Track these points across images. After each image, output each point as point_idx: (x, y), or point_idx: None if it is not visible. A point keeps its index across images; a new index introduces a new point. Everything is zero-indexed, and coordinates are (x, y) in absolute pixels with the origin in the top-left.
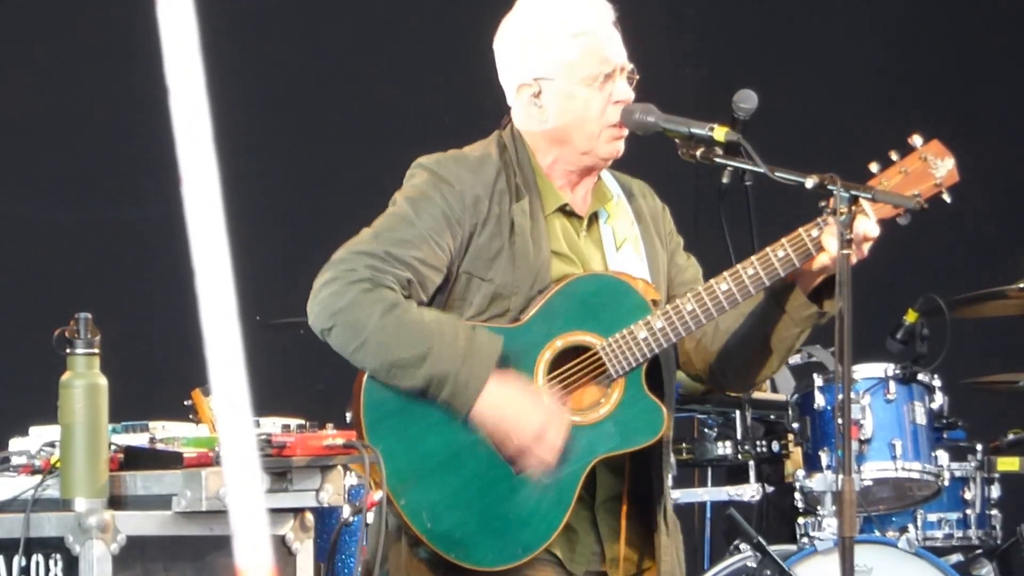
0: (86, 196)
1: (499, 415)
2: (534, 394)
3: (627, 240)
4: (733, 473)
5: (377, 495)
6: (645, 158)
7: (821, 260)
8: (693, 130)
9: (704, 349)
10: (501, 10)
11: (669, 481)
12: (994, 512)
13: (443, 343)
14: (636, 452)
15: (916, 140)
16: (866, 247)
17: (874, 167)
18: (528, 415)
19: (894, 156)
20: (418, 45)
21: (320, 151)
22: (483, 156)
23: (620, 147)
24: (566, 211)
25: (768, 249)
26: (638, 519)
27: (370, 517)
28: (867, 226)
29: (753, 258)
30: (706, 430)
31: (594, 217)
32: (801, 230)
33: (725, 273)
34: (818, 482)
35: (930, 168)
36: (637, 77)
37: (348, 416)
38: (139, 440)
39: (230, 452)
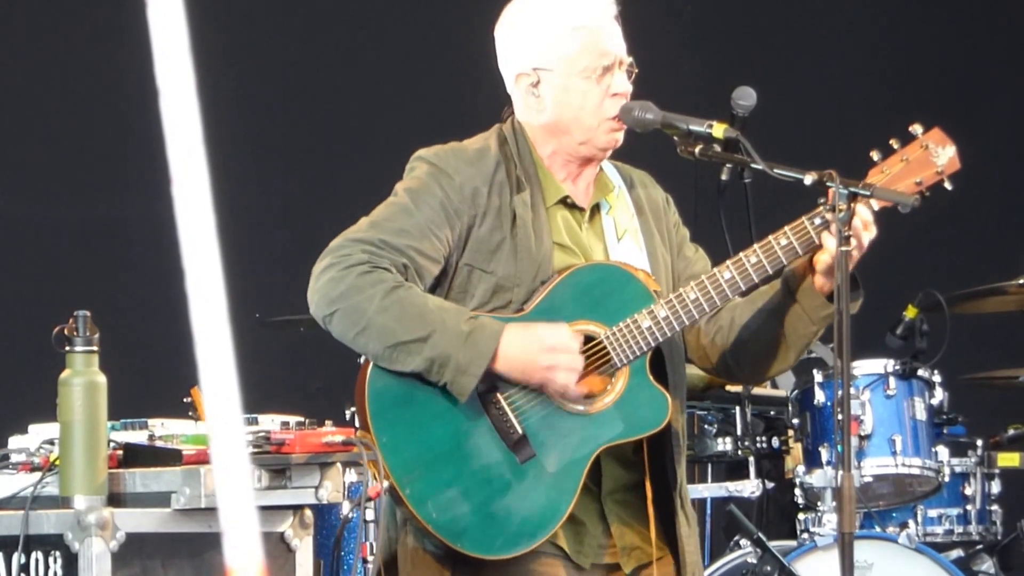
0: (86, 193)
1: (511, 365)
2: (537, 330)
3: (628, 231)
4: (733, 469)
5: (383, 484)
6: (644, 154)
7: (825, 261)
8: (692, 127)
9: (720, 344)
10: (500, 3)
11: (683, 469)
12: (994, 508)
13: (445, 326)
14: (651, 441)
15: (917, 129)
16: (866, 238)
17: (875, 155)
18: (537, 349)
19: (895, 144)
20: (415, 37)
21: (320, 147)
22: (482, 148)
23: (619, 137)
24: (567, 203)
25: (771, 237)
26: (644, 509)
27: (370, 513)
28: (862, 213)
29: (756, 246)
30: (706, 426)
31: (596, 209)
32: (804, 218)
33: (728, 261)
34: (818, 478)
35: (931, 156)
36: (636, 71)
37: (348, 413)
38: (138, 437)
39: (220, 449)
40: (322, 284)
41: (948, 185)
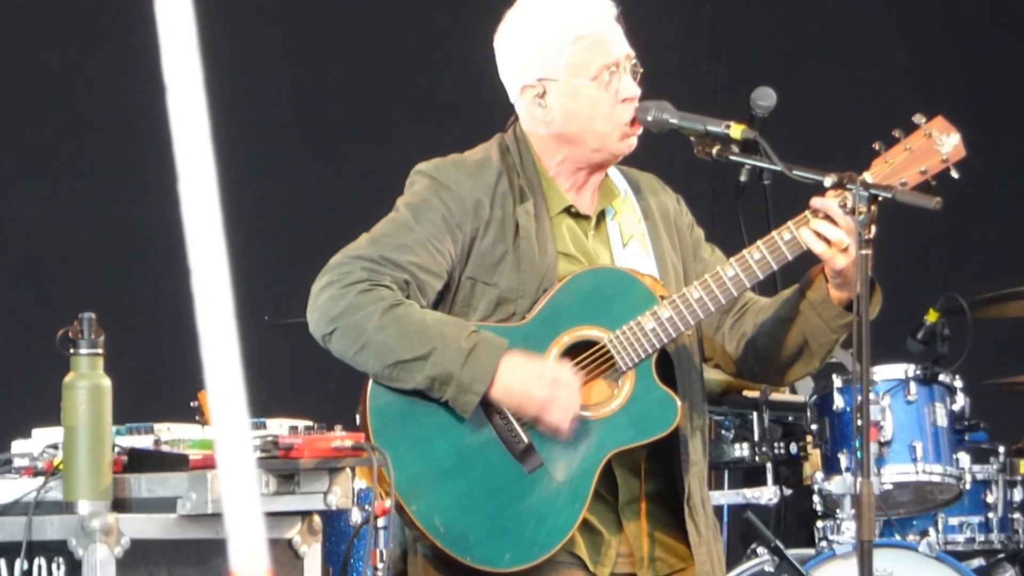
0: (90, 194)
1: (508, 393)
2: (539, 362)
3: (634, 237)
4: (750, 475)
5: (388, 502)
6: (660, 155)
7: (836, 272)
8: (709, 128)
9: (743, 350)
10: (506, 7)
11: (697, 478)
12: (1016, 516)
13: (445, 343)
14: (653, 450)
15: (920, 118)
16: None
17: (878, 146)
18: (537, 380)
19: (897, 134)
20: (426, 37)
21: (331, 147)
22: (483, 160)
23: (633, 143)
24: (572, 212)
25: (774, 233)
26: (666, 518)
27: (381, 519)
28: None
29: (759, 242)
30: (723, 432)
31: (601, 215)
32: (808, 212)
33: (731, 259)
34: (837, 485)
35: (935, 144)
36: (641, 71)
37: (357, 417)
38: (144, 442)
39: (226, 454)
40: (322, 302)
41: (955, 174)
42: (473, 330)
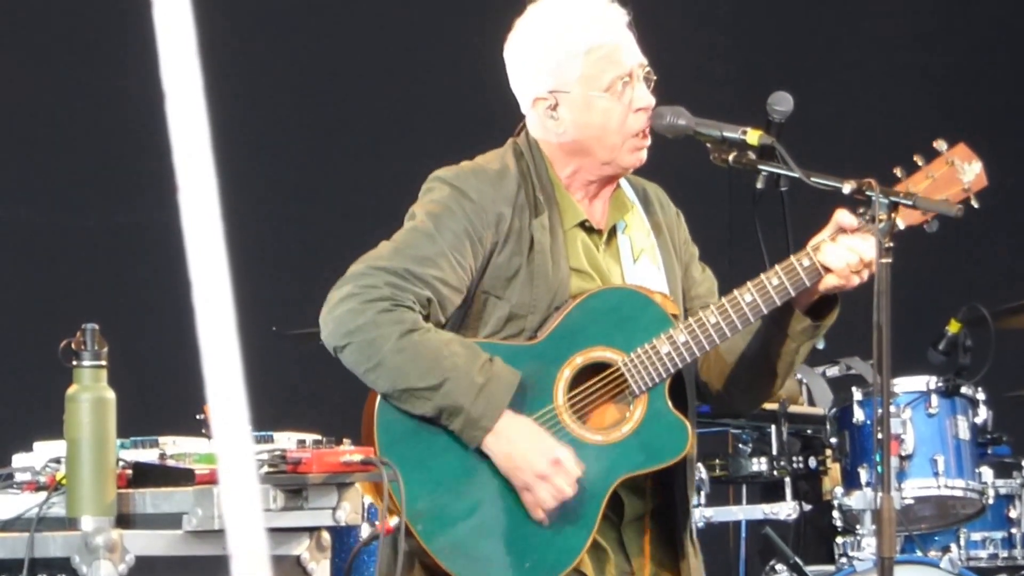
0: (94, 203)
1: (508, 449)
2: (548, 435)
3: (644, 251)
4: (769, 490)
5: (393, 521)
6: (676, 162)
7: (827, 281)
8: (725, 134)
9: (705, 375)
10: (515, 11)
11: (695, 500)
12: None
13: (458, 375)
14: (659, 471)
15: (941, 145)
16: (864, 274)
17: (899, 172)
18: (538, 450)
19: (919, 161)
20: (432, 41)
21: (336, 154)
22: (502, 169)
23: (643, 156)
24: (585, 226)
25: (792, 258)
26: (665, 539)
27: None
28: (865, 251)
29: (778, 267)
30: (740, 445)
31: (612, 229)
32: (829, 240)
33: (749, 284)
34: (857, 500)
35: (957, 173)
36: (655, 78)
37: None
38: (148, 456)
39: (227, 468)
40: (340, 313)
41: (975, 203)
42: (487, 359)
